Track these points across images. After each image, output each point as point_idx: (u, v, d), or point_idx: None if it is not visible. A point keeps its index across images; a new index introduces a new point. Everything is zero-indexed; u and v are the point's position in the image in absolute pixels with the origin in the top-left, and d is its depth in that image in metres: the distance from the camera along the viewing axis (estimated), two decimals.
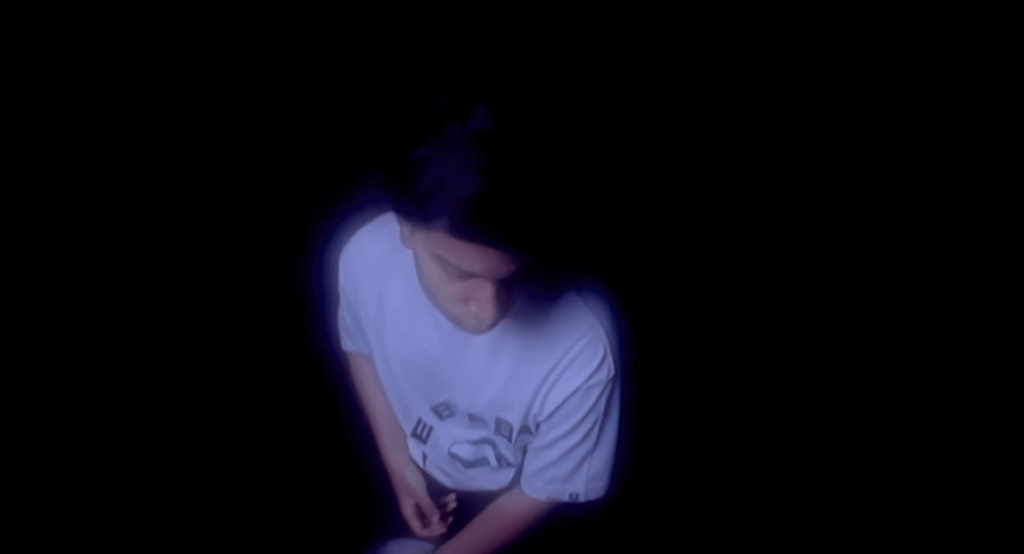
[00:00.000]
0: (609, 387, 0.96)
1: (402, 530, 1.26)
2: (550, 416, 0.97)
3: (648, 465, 1.30)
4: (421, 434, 1.14)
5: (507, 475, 1.13)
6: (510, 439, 1.03)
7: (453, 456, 1.12)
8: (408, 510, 1.22)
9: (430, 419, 1.10)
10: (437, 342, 0.97)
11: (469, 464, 1.12)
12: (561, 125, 0.73)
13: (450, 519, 1.23)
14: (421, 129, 0.70)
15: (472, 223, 0.69)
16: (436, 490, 1.23)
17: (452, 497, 1.23)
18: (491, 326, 0.81)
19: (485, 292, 0.76)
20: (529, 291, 0.82)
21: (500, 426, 1.01)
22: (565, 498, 1.05)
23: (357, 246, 1.03)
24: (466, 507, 1.21)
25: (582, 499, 1.05)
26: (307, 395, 1.72)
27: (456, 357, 0.97)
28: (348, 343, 1.20)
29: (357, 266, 1.03)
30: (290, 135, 2.04)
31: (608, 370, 0.94)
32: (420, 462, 1.21)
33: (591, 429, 0.98)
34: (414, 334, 0.99)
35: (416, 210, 0.71)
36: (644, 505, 1.52)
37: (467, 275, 0.75)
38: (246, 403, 1.77)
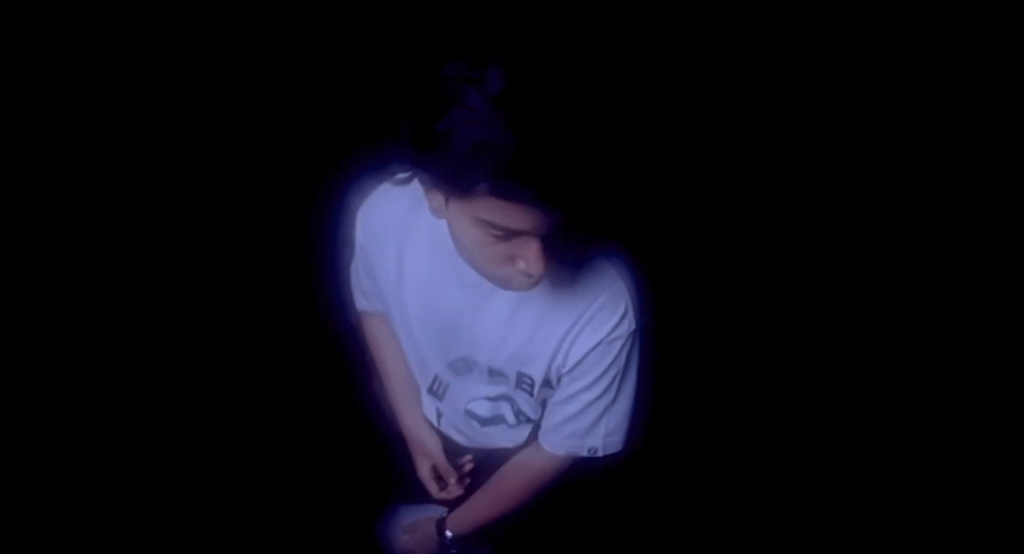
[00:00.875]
0: (630, 341, 0.97)
1: (418, 494, 1.26)
2: (572, 369, 0.97)
3: (665, 421, 1.31)
4: (437, 391, 1.14)
5: (523, 432, 1.14)
6: (531, 394, 1.03)
7: (469, 414, 1.12)
8: (425, 472, 1.23)
9: (447, 376, 1.10)
10: (459, 297, 0.97)
11: (485, 422, 1.13)
12: (575, 80, 0.74)
13: (467, 481, 1.23)
14: (441, 101, 0.71)
15: (515, 182, 0.70)
16: (452, 451, 1.22)
17: (469, 458, 1.23)
18: (539, 281, 0.82)
19: (531, 247, 0.77)
20: (563, 247, 0.83)
21: (521, 381, 1.02)
22: (584, 453, 1.06)
23: (377, 203, 1.03)
24: (481, 468, 1.21)
25: (600, 453, 1.06)
26: (320, 360, 1.72)
27: (479, 311, 0.97)
28: (363, 302, 1.19)
29: (377, 222, 1.03)
30: (307, 107, 2.02)
31: (629, 324, 0.95)
32: (434, 420, 1.21)
33: (611, 383, 0.99)
34: (435, 289, 0.99)
35: (454, 180, 0.72)
36: (660, 461, 1.53)
37: (512, 234, 0.76)
38: (260, 369, 1.76)
